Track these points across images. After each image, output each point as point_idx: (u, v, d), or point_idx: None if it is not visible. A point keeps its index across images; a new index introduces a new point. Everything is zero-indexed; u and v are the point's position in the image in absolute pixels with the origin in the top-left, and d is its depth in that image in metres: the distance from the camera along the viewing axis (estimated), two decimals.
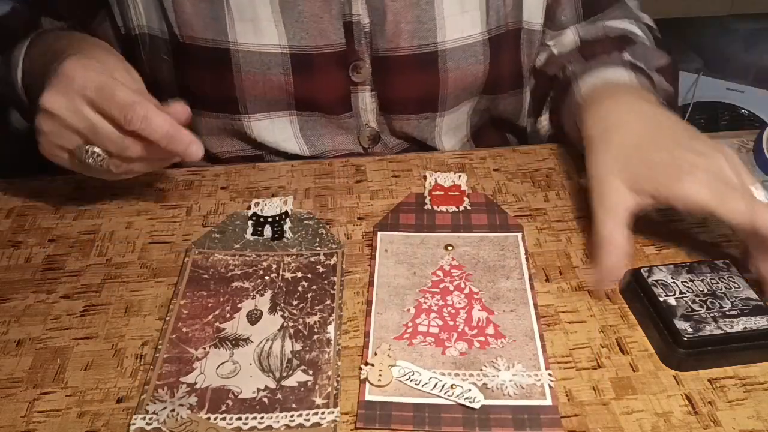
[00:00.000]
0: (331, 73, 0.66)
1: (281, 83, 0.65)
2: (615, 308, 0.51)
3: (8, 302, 0.53)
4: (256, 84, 0.65)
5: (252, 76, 0.64)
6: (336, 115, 0.69)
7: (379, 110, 0.70)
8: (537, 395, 0.45)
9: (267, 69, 0.64)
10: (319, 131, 0.70)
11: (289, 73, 0.65)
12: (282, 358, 0.47)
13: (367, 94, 0.68)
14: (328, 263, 0.55)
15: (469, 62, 0.67)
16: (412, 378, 0.46)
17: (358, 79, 0.67)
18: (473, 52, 0.67)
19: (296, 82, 0.65)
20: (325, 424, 0.43)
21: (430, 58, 0.66)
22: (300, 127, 0.69)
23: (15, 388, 0.46)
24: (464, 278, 0.53)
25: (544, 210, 0.61)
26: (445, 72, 0.67)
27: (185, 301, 0.52)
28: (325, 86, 0.67)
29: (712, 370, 0.47)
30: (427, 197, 0.61)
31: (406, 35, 0.65)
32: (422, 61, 0.66)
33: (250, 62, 0.64)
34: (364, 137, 0.71)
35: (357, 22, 0.64)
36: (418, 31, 0.65)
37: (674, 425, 0.43)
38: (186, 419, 0.43)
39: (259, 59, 0.64)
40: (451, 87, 0.68)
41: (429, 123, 0.70)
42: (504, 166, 0.66)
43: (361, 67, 0.66)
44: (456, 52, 0.66)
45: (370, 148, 0.72)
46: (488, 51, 0.67)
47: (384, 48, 0.65)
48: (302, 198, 0.63)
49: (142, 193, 0.64)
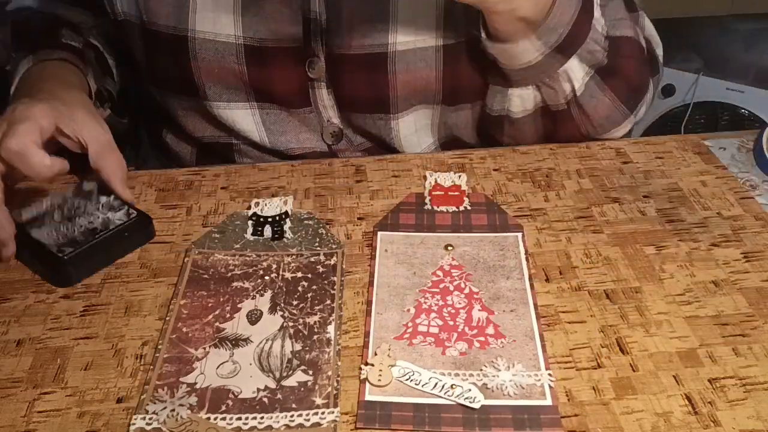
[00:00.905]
0: (288, 68, 0.67)
1: (236, 72, 0.67)
2: (615, 308, 0.51)
3: (8, 302, 0.53)
4: (212, 71, 0.67)
5: (208, 64, 0.67)
6: (296, 109, 0.70)
7: (338, 107, 0.71)
8: (537, 395, 0.45)
9: (221, 57, 0.66)
10: (282, 126, 0.71)
11: (243, 62, 0.67)
12: (282, 358, 0.47)
13: (324, 91, 0.69)
14: (328, 263, 0.55)
15: (418, 66, 0.67)
16: (412, 378, 0.46)
17: (314, 75, 0.68)
18: (424, 56, 0.67)
19: (251, 72, 0.67)
20: (325, 424, 0.43)
21: (380, 59, 0.66)
22: (262, 119, 0.71)
23: (15, 388, 0.46)
24: (464, 278, 0.53)
25: (544, 210, 0.61)
26: (394, 74, 0.67)
27: (185, 301, 0.52)
28: (281, 79, 0.68)
29: (712, 370, 0.47)
30: (427, 197, 0.61)
31: (359, 35, 0.65)
32: (372, 62, 0.66)
33: (206, 49, 0.66)
34: (327, 134, 0.72)
35: (314, 19, 0.65)
36: (370, 32, 0.65)
37: (674, 425, 0.43)
38: (186, 419, 0.43)
39: (213, 47, 0.66)
40: (401, 90, 0.68)
41: (385, 124, 0.71)
42: (504, 166, 0.66)
43: (316, 63, 0.67)
44: (406, 56, 0.66)
45: (333, 145, 0.73)
46: (441, 58, 0.67)
47: (337, 46, 0.66)
48: (302, 198, 0.63)
49: (142, 192, 0.64)
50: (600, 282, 0.53)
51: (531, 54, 0.61)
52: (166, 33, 0.67)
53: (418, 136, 0.73)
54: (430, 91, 0.69)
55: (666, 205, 0.61)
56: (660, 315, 0.51)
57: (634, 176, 0.64)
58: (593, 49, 0.63)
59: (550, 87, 0.65)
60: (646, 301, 0.52)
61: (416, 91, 0.69)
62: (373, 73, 0.67)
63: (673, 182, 0.64)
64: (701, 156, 0.67)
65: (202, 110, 0.71)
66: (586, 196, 0.62)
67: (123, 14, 0.69)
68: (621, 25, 0.66)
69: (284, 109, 0.70)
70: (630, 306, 0.51)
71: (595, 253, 0.56)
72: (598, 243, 0.57)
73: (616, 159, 0.67)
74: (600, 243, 0.57)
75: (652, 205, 0.61)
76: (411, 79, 0.67)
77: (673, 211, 0.60)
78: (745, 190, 0.63)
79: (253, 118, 0.71)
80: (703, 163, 0.66)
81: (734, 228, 0.58)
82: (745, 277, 0.54)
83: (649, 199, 0.62)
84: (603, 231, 0.58)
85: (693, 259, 0.55)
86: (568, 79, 0.64)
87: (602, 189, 0.63)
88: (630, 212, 0.60)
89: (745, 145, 0.68)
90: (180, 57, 0.67)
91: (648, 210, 0.60)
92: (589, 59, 0.64)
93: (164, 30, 0.67)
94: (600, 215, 0.60)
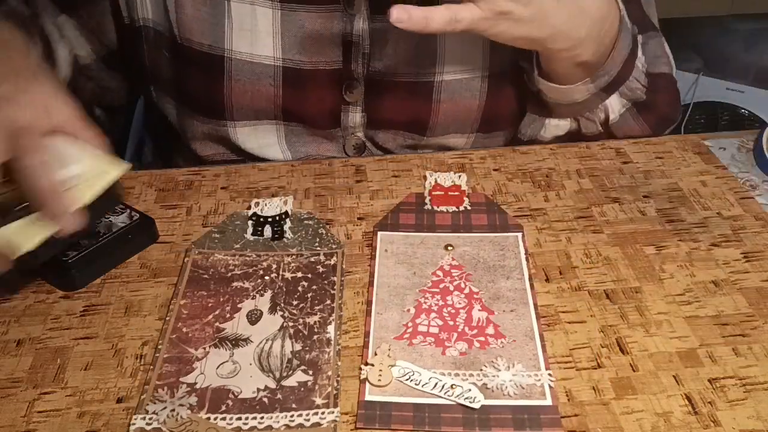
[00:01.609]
0: (324, 90, 0.66)
1: (270, 95, 0.66)
2: (615, 308, 0.51)
3: (8, 302, 0.53)
4: (245, 93, 0.65)
5: (242, 85, 0.65)
6: (322, 129, 0.70)
7: (367, 126, 0.70)
8: (537, 395, 0.45)
9: (257, 79, 0.65)
10: (303, 139, 0.71)
11: (279, 85, 0.65)
12: (282, 358, 0.47)
13: (358, 114, 0.69)
14: (328, 263, 0.55)
15: (464, 96, 0.67)
16: (412, 378, 0.46)
17: (351, 99, 0.67)
18: (470, 87, 0.67)
19: (285, 95, 0.66)
20: (325, 424, 0.43)
21: (426, 88, 0.66)
22: (285, 134, 0.70)
23: (15, 388, 0.46)
24: (464, 278, 0.53)
25: (544, 210, 0.61)
26: (438, 103, 0.67)
27: (185, 301, 0.52)
28: (315, 102, 0.67)
29: (712, 370, 0.47)
30: (427, 197, 0.61)
31: (404, 62, 0.65)
32: (417, 89, 0.66)
33: (241, 71, 0.64)
34: (349, 146, 0.71)
35: (356, 43, 0.64)
36: (417, 59, 0.65)
37: (674, 425, 0.43)
38: (186, 419, 0.43)
39: (250, 69, 0.64)
40: (442, 117, 0.68)
41: (415, 144, 0.71)
42: (504, 166, 0.66)
43: (355, 87, 0.66)
44: (452, 85, 0.66)
45: (354, 156, 0.72)
46: (486, 88, 0.67)
47: (380, 71, 0.66)
48: (302, 198, 0.63)
49: (142, 192, 0.64)
50: (600, 282, 0.53)
51: (582, 94, 0.63)
52: (199, 51, 0.64)
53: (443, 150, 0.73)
54: (470, 119, 0.69)
55: (666, 205, 0.61)
56: (660, 315, 0.51)
57: (634, 176, 0.64)
58: (635, 87, 0.65)
59: (588, 119, 0.67)
60: (646, 301, 0.52)
61: (457, 118, 0.69)
62: (415, 100, 0.67)
63: (673, 182, 0.64)
64: (701, 156, 0.67)
65: (215, 131, 0.69)
66: (586, 196, 0.62)
67: (142, 20, 0.66)
68: (659, 63, 0.68)
69: (309, 127, 0.69)
70: (630, 306, 0.51)
71: (595, 253, 0.56)
72: (598, 243, 0.57)
73: (616, 159, 0.67)
74: (600, 243, 0.57)
75: (652, 205, 0.61)
76: (454, 107, 0.67)
77: (673, 211, 0.60)
78: (745, 190, 0.63)
79: (276, 133, 0.70)
80: (703, 163, 0.66)
81: (734, 228, 0.58)
82: (745, 277, 0.54)
83: (649, 199, 0.62)
84: (603, 231, 0.58)
85: (693, 259, 0.55)
86: (605, 111, 0.66)
87: (602, 189, 0.63)
88: (630, 212, 0.60)
89: (745, 145, 0.68)
90: (212, 76, 0.65)
91: (648, 210, 0.60)
92: (629, 96, 0.66)
93: (197, 47, 0.64)
94: (600, 215, 0.60)
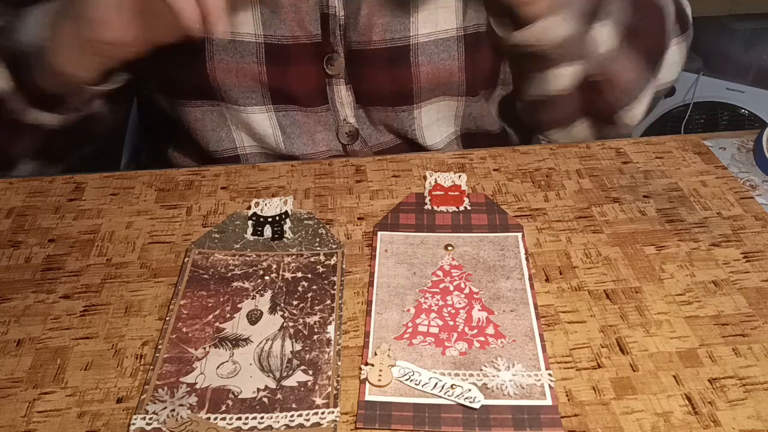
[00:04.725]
0: (306, 65, 0.67)
1: (255, 72, 0.66)
2: (615, 308, 0.51)
3: (8, 302, 0.53)
4: (230, 72, 0.65)
5: (225, 65, 0.65)
6: (312, 108, 0.69)
7: (356, 103, 0.70)
8: (537, 395, 0.45)
9: (240, 57, 0.65)
10: (298, 128, 0.71)
11: (263, 62, 0.65)
12: (282, 358, 0.47)
13: (342, 87, 0.69)
14: (328, 263, 0.55)
15: (441, 57, 0.67)
16: (412, 378, 0.46)
17: (333, 71, 0.67)
18: (446, 47, 0.66)
19: (270, 72, 0.66)
20: (325, 424, 0.43)
21: (403, 53, 0.66)
22: (278, 122, 0.70)
23: (15, 388, 0.46)
24: (464, 278, 0.53)
25: (544, 210, 0.61)
26: (417, 66, 0.66)
27: (185, 301, 0.52)
28: (299, 77, 0.67)
29: (712, 370, 0.47)
30: (427, 197, 0.61)
31: (379, 29, 0.65)
32: (394, 56, 0.66)
33: (224, 49, 0.65)
34: (342, 133, 0.72)
35: (333, 15, 0.65)
36: (390, 24, 0.65)
37: (674, 425, 0.43)
38: (186, 419, 0.43)
39: (232, 47, 0.65)
40: (424, 81, 0.68)
41: (407, 115, 0.70)
42: (504, 166, 0.66)
43: (335, 59, 0.67)
44: (429, 47, 0.66)
45: (349, 145, 0.72)
46: (462, 48, 0.67)
47: (357, 41, 0.66)
48: (302, 198, 0.63)
49: (142, 192, 0.64)
50: (600, 282, 0.54)
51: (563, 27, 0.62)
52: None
53: (438, 125, 0.73)
54: (454, 82, 0.69)
55: (666, 205, 0.61)
56: (660, 315, 0.51)
57: (634, 176, 0.64)
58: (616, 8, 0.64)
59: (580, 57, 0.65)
60: (646, 301, 0.52)
61: (440, 82, 0.68)
62: (394, 67, 0.67)
63: (673, 182, 0.64)
64: (701, 156, 0.67)
65: (215, 118, 0.70)
66: (586, 196, 0.62)
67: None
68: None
69: (300, 110, 0.70)
70: (630, 306, 0.51)
71: (595, 253, 0.56)
72: (598, 243, 0.57)
73: (616, 159, 0.67)
74: (600, 243, 0.57)
75: (652, 205, 0.61)
76: (434, 70, 0.67)
77: (673, 211, 0.60)
78: (745, 190, 0.63)
79: (269, 122, 0.70)
80: (703, 163, 0.66)
81: (734, 228, 0.58)
82: (745, 277, 0.54)
83: (649, 199, 0.62)
84: (603, 231, 0.58)
85: (693, 259, 0.55)
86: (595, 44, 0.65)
87: (602, 189, 0.63)
88: (630, 212, 0.60)
89: (745, 145, 0.68)
90: (195, 59, 0.65)
91: (648, 210, 0.60)
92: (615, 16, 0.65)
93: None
94: (600, 215, 0.60)
